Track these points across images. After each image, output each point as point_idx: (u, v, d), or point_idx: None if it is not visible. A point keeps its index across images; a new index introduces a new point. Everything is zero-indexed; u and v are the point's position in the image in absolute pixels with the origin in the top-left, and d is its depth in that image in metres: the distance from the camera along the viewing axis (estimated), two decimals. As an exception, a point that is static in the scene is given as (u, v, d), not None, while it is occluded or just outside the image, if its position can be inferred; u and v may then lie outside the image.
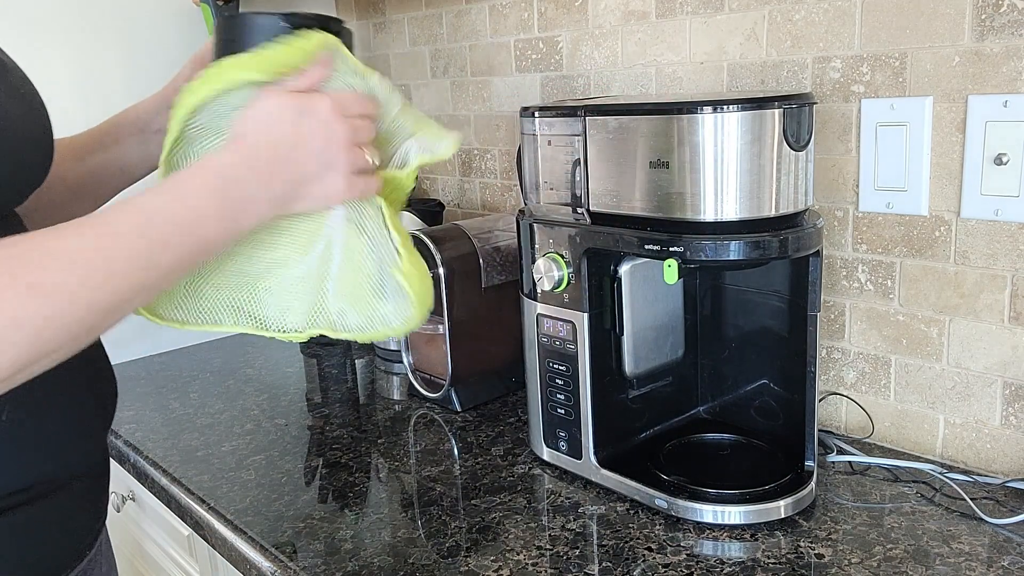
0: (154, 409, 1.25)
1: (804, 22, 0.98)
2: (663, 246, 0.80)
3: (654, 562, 0.78)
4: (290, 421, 1.18)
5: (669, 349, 0.99)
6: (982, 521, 0.82)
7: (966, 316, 0.91)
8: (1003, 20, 0.83)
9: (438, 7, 1.50)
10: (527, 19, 1.34)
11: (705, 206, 0.78)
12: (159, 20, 1.46)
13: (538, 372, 0.98)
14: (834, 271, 1.01)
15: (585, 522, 0.87)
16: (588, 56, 1.25)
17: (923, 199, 0.92)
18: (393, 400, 1.25)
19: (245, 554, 0.87)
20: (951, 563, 0.76)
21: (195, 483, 1.00)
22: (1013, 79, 0.83)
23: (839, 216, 1.00)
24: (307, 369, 1.42)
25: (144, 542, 1.27)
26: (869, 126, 0.94)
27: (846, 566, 0.76)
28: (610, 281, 0.91)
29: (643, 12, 1.15)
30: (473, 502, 0.92)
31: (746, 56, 1.04)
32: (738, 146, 0.76)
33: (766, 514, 0.84)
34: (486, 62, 1.43)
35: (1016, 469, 0.90)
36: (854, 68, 0.95)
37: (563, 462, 0.97)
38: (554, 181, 0.90)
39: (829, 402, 1.05)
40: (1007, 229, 0.86)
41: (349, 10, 1.69)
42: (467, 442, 1.08)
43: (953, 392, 0.94)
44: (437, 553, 0.82)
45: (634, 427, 1.00)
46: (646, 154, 0.80)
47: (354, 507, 0.92)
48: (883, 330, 0.98)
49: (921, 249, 0.93)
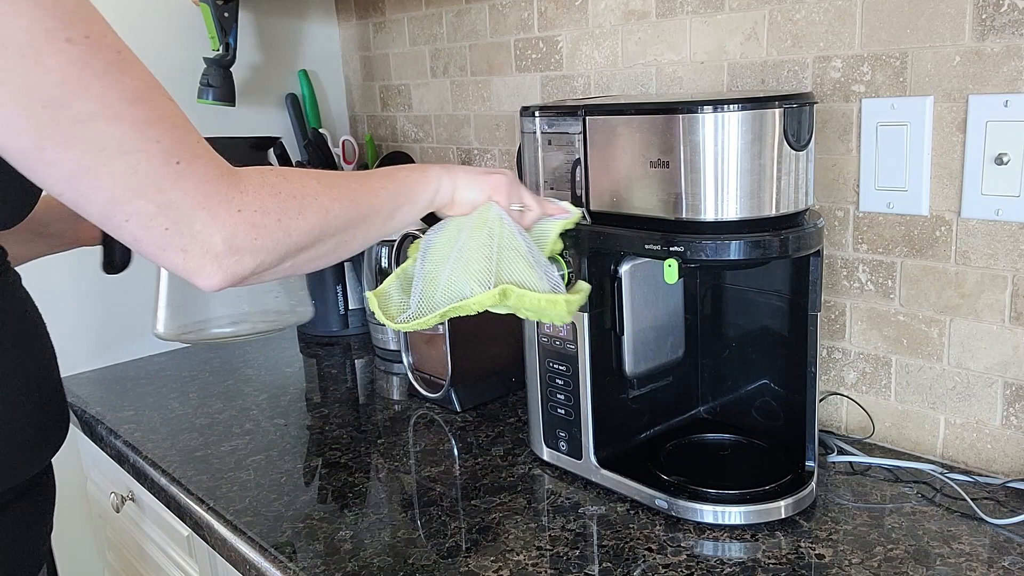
0: (153, 409, 1.25)
1: (804, 22, 0.98)
2: (663, 246, 0.80)
3: (654, 562, 0.78)
4: (290, 421, 1.18)
5: (669, 349, 0.98)
6: (983, 521, 0.82)
7: (967, 316, 0.91)
8: (1004, 20, 0.83)
9: (438, 7, 1.50)
10: (527, 19, 1.33)
11: (705, 206, 0.78)
12: (159, 20, 1.46)
13: (538, 372, 0.98)
14: (834, 271, 1.01)
15: (585, 522, 0.86)
16: (588, 56, 1.25)
17: (924, 199, 0.92)
18: (393, 400, 1.25)
19: (245, 554, 0.87)
20: (952, 563, 0.76)
21: (194, 483, 0.99)
22: (1014, 79, 0.83)
23: (839, 216, 1.00)
24: (307, 369, 1.42)
25: (144, 542, 1.27)
26: (870, 126, 0.94)
27: (846, 566, 0.76)
28: (610, 281, 0.91)
29: (643, 12, 1.15)
30: (473, 502, 0.92)
31: (746, 56, 1.04)
32: (738, 146, 0.76)
33: (766, 514, 0.84)
34: (486, 62, 1.43)
35: (1017, 469, 0.90)
36: (855, 68, 0.95)
37: (563, 462, 0.97)
38: (554, 181, 0.90)
39: (829, 402, 1.05)
40: (1008, 229, 0.86)
41: (349, 10, 1.69)
42: (467, 442, 1.08)
43: (954, 392, 0.94)
44: (437, 553, 0.82)
45: (634, 427, 1.00)
46: (646, 154, 0.80)
47: (354, 507, 0.92)
48: (884, 330, 0.98)
49: (922, 249, 0.93)
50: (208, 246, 0.57)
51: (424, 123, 1.61)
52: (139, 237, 0.57)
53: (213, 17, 1.37)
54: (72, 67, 0.51)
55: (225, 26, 1.38)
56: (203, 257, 0.58)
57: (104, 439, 1.19)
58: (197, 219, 0.57)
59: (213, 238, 0.57)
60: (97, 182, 0.53)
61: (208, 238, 0.57)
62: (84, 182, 0.53)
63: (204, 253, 0.57)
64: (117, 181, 0.54)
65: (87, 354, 1.44)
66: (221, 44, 1.39)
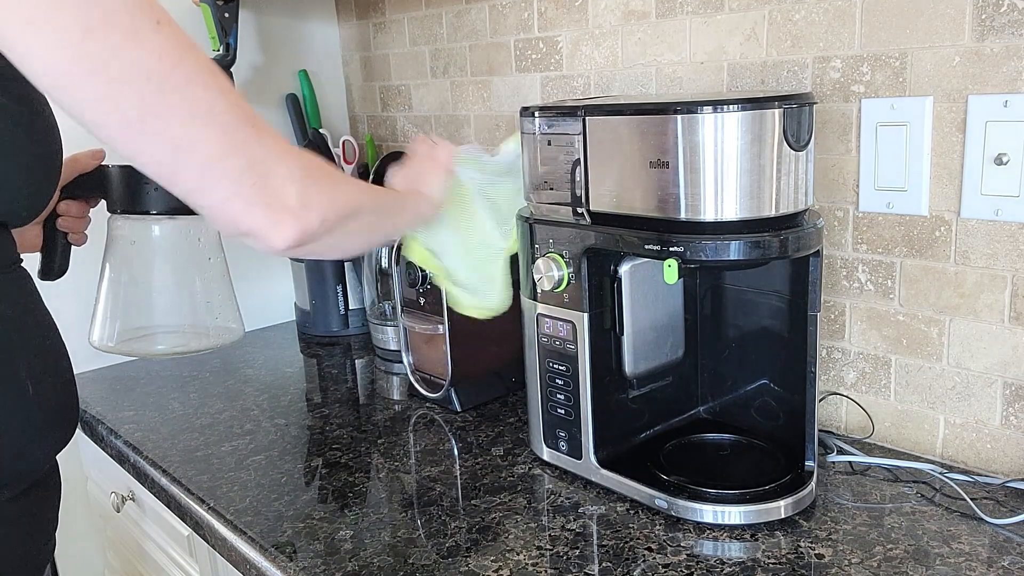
0: (154, 409, 1.25)
1: (804, 22, 0.98)
2: (663, 246, 0.80)
3: (654, 562, 0.78)
4: (290, 421, 1.18)
5: (669, 349, 0.98)
6: (982, 521, 0.82)
7: (966, 316, 0.91)
8: (1003, 20, 0.83)
9: (438, 7, 1.50)
10: (527, 19, 1.33)
11: (705, 206, 0.78)
12: (159, 20, 1.46)
13: (538, 372, 0.98)
14: (834, 271, 1.01)
15: (585, 522, 0.87)
16: (588, 56, 1.25)
17: (923, 199, 0.92)
18: (393, 400, 1.25)
19: (245, 554, 0.87)
20: (951, 563, 0.76)
21: (195, 483, 1.00)
22: (1013, 79, 0.83)
23: (839, 216, 1.00)
24: (307, 369, 1.42)
25: (144, 542, 1.27)
26: (869, 126, 0.94)
27: (846, 566, 0.76)
28: (610, 281, 0.91)
29: (643, 12, 1.15)
30: (473, 502, 0.92)
31: (746, 56, 1.04)
32: (738, 146, 0.76)
33: (766, 514, 0.84)
34: (486, 62, 1.43)
35: (1016, 469, 0.90)
36: (854, 68, 0.95)
37: (563, 462, 0.97)
38: (554, 181, 0.90)
39: (829, 402, 1.05)
40: (1007, 229, 0.86)
41: (349, 10, 1.69)
42: (467, 442, 1.08)
43: (953, 392, 0.94)
44: (437, 553, 0.82)
45: (634, 427, 1.00)
46: (646, 154, 0.80)
47: (354, 507, 0.92)
48: (883, 330, 0.98)
49: (921, 249, 0.93)
50: (285, 200, 0.64)
51: (424, 123, 1.61)
52: (229, 196, 0.62)
53: (213, 17, 1.37)
54: (167, 43, 0.56)
55: (225, 26, 1.38)
56: (282, 211, 0.64)
57: (105, 439, 1.19)
58: (276, 174, 0.63)
59: (288, 191, 0.64)
60: (194, 146, 0.59)
61: (286, 192, 0.64)
62: (182, 147, 0.58)
63: (283, 208, 0.64)
64: (211, 141, 0.59)
65: (87, 354, 1.44)
66: (221, 44, 1.39)
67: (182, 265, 0.90)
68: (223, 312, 0.92)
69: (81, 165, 0.88)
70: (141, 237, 0.88)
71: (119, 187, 0.86)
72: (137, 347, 0.90)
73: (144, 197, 0.85)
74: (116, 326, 0.88)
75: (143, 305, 0.90)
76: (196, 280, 0.91)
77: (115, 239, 0.88)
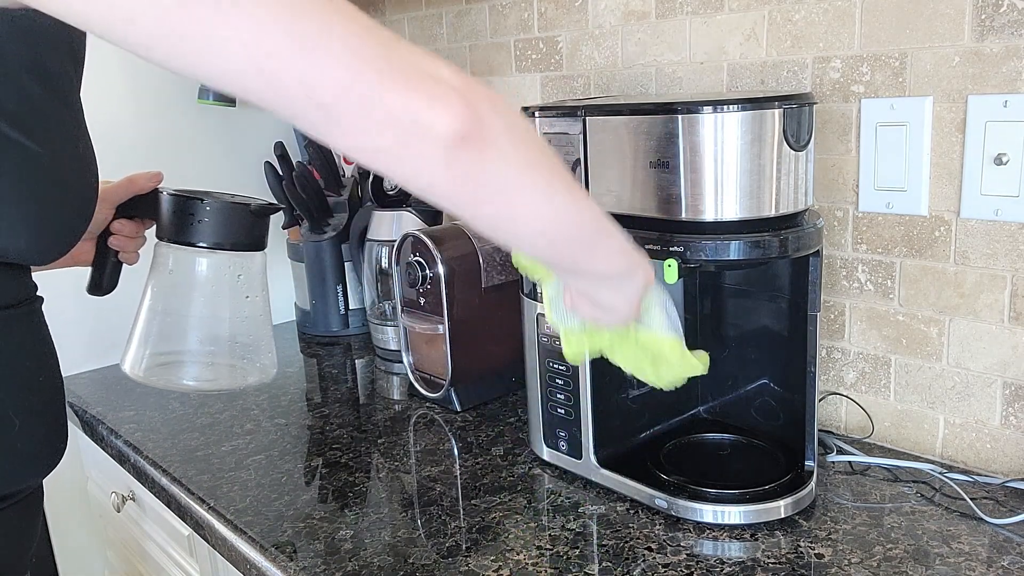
0: (154, 409, 1.25)
1: (804, 22, 0.98)
2: (663, 246, 0.80)
3: (654, 562, 0.78)
4: (290, 421, 1.18)
5: (669, 349, 0.98)
6: (982, 521, 0.82)
7: (966, 316, 0.91)
8: (1003, 20, 0.83)
9: (438, 7, 1.50)
10: (527, 19, 1.34)
11: (705, 206, 0.78)
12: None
13: (538, 372, 0.98)
14: (834, 271, 1.01)
15: (585, 522, 0.87)
16: (588, 56, 1.25)
17: (923, 199, 0.92)
18: (393, 400, 1.25)
19: (245, 554, 0.87)
20: (951, 563, 0.76)
21: (195, 483, 1.00)
22: (1013, 79, 0.83)
23: (839, 216, 1.00)
24: (307, 369, 1.42)
25: (144, 542, 1.27)
26: (869, 126, 0.94)
27: (846, 566, 0.76)
28: (610, 281, 0.91)
29: (643, 12, 1.15)
30: (473, 502, 0.92)
31: (746, 56, 1.04)
32: (738, 146, 0.76)
33: (766, 514, 0.84)
34: (486, 62, 1.43)
35: (1016, 469, 0.90)
36: (854, 68, 0.95)
37: (563, 462, 0.97)
38: (554, 181, 0.90)
39: (829, 402, 1.05)
40: (1007, 229, 0.86)
41: (349, 10, 1.69)
42: (467, 442, 1.08)
43: (953, 392, 0.94)
44: (437, 553, 0.82)
45: (634, 427, 1.00)
46: (646, 154, 0.80)
47: (354, 507, 0.92)
48: (883, 330, 0.98)
49: (921, 249, 0.93)
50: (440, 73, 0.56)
51: (424, 123, 1.61)
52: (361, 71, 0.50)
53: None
54: None
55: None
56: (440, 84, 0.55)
57: (105, 439, 1.20)
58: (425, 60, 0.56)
59: (443, 71, 0.57)
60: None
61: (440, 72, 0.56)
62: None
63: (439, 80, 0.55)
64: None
65: (88, 354, 1.45)
66: (222, 44, 1.39)
67: (218, 300, 0.88)
68: (256, 351, 0.91)
69: (137, 186, 0.87)
70: (181, 267, 0.87)
71: (168, 215, 0.85)
72: (166, 377, 0.89)
73: (190, 228, 0.84)
74: (147, 351, 0.88)
75: (175, 336, 0.89)
76: (230, 317, 0.89)
77: (157, 266, 0.87)
